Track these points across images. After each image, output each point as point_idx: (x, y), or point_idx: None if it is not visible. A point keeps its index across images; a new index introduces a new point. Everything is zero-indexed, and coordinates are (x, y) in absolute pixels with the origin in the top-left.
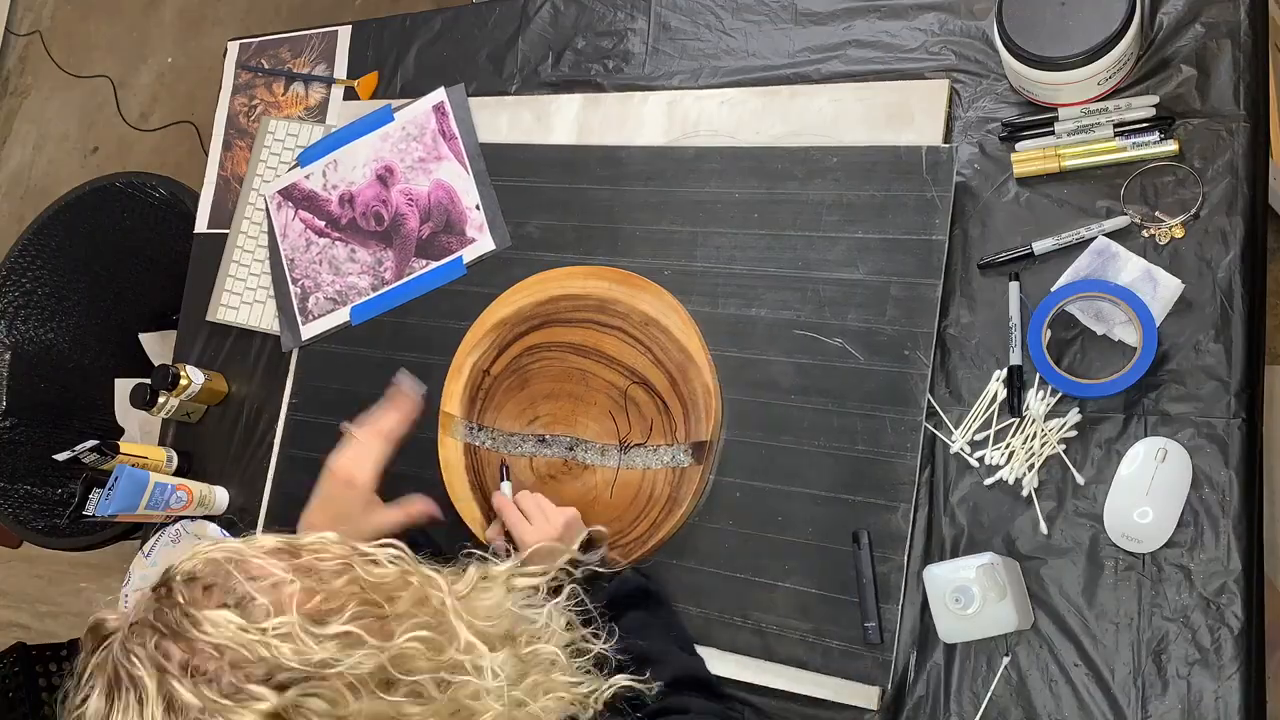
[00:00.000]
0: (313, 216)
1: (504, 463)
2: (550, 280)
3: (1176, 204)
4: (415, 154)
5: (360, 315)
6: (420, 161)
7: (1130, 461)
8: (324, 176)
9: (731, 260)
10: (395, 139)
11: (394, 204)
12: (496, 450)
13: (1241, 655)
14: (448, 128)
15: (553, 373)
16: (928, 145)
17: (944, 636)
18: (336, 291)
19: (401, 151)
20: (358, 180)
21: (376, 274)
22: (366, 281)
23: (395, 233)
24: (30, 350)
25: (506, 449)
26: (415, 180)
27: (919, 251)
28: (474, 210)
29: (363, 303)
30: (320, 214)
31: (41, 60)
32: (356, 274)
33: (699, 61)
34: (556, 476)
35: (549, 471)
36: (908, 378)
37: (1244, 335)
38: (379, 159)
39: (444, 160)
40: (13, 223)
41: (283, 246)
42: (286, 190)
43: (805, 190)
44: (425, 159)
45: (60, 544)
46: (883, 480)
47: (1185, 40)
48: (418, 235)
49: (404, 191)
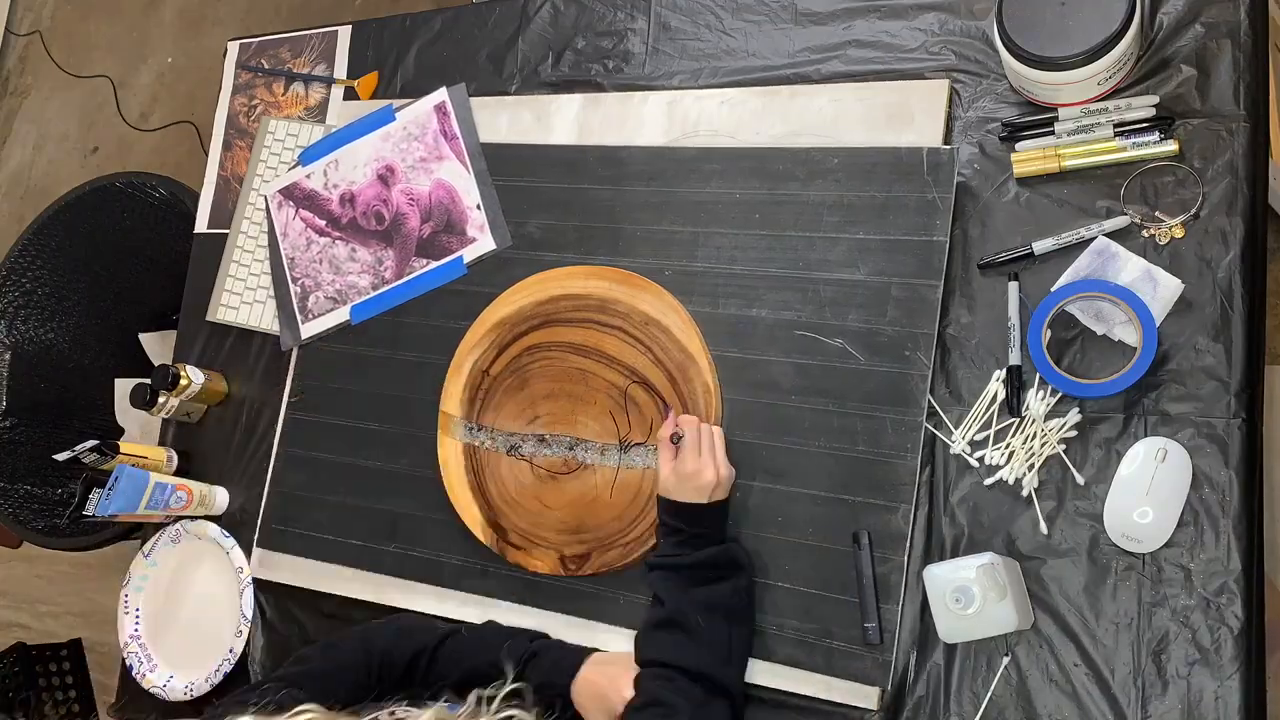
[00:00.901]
0: (313, 215)
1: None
2: (550, 280)
3: (1176, 204)
4: (416, 153)
5: (360, 314)
6: (421, 161)
7: (1130, 461)
8: (325, 176)
9: (732, 260)
10: (396, 138)
11: (395, 203)
12: (496, 450)
13: (1242, 655)
14: (449, 127)
15: (553, 372)
16: (929, 146)
17: (944, 636)
18: (337, 290)
19: (403, 151)
20: (359, 180)
21: (377, 273)
22: (367, 281)
23: (396, 232)
24: (30, 350)
25: (506, 449)
26: (416, 180)
27: (920, 252)
28: (475, 210)
29: (363, 302)
30: (321, 213)
31: (41, 60)
32: (357, 273)
33: (699, 61)
34: (556, 476)
35: (549, 471)
36: (908, 378)
37: (1244, 335)
38: (380, 158)
39: (445, 160)
40: (13, 223)
41: (283, 245)
42: (287, 189)
43: (806, 191)
44: (426, 158)
45: (60, 544)
46: (883, 481)
47: (1185, 40)
48: (418, 234)
49: (405, 191)
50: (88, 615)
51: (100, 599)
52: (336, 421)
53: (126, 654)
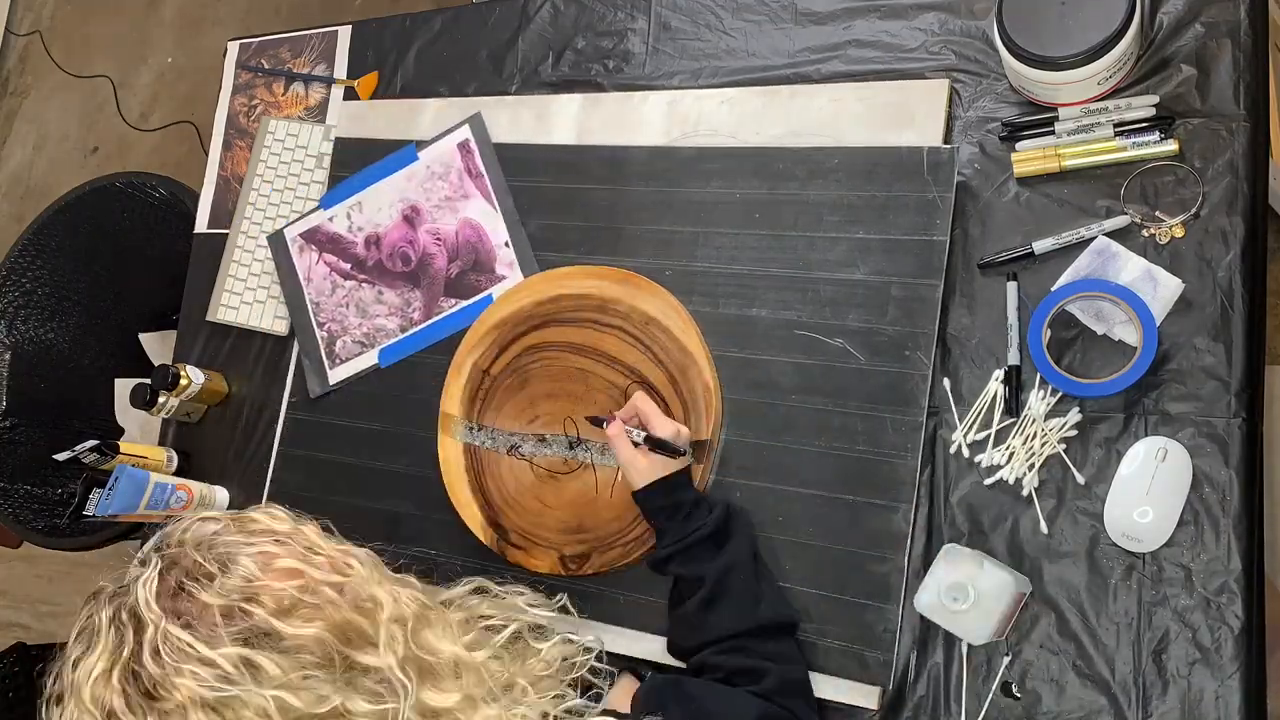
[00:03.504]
0: (338, 259)
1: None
2: (551, 280)
3: (1177, 203)
4: (441, 193)
5: (389, 357)
6: (447, 200)
7: (1130, 461)
8: (349, 219)
9: (733, 260)
10: (420, 178)
11: (421, 244)
12: (496, 450)
13: (1242, 655)
14: (473, 165)
15: (553, 372)
16: (929, 146)
17: (974, 639)
18: (364, 334)
19: (427, 191)
20: (383, 221)
21: (405, 315)
22: (395, 323)
23: (423, 273)
24: (30, 350)
25: (506, 449)
26: (442, 219)
27: (920, 252)
28: (503, 248)
29: (391, 344)
30: (345, 256)
31: (41, 60)
32: (385, 315)
33: (699, 61)
34: (556, 476)
35: (549, 471)
36: (908, 378)
37: (1244, 335)
38: (404, 199)
39: (471, 198)
40: (13, 223)
41: (306, 291)
42: (309, 234)
43: (806, 191)
44: (452, 197)
45: (60, 544)
46: (883, 481)
47: (1185, 40)
48: (446, 274)
49: (431, 231)
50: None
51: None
52: (337, 421)
53: None
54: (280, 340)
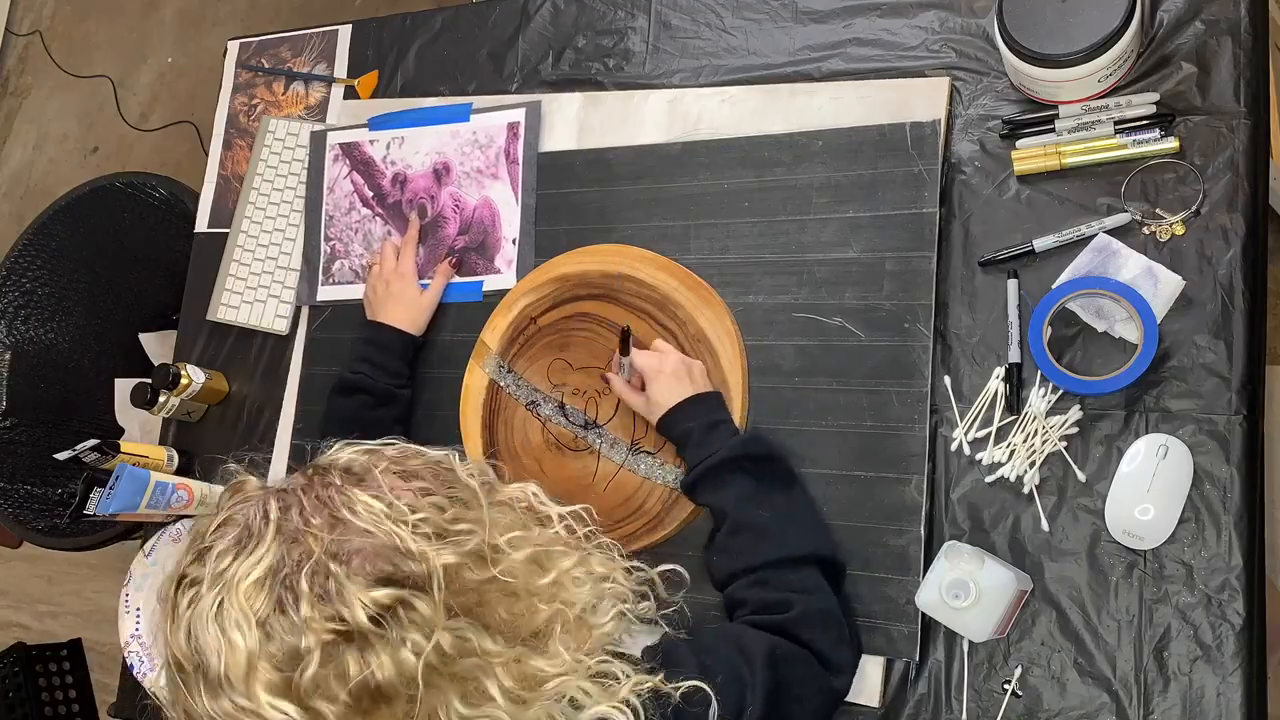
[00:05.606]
0: (364, 183)
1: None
2: (622, 256)
3: (1177, 201)
4: (476, 162)
5: None
6: (478, 171)
7: (1131, 458)
8: (387, 149)
9: (725, 250)
10: (463, 139)
11: (441, 203)
12: (517, 399)
13: (1243, 652)
14: (514, 150)
15: (594, 348)
16: (911, 121)
17: (975, 637)
18: (362, 266)
19: (464, 155)
20: (415, 166)
21: None
22: None
23: (432, 232)
24: (30, 350)
25: (526, 401)
26: (467, 188)
27: (910, 225)
28: (510, 243)
29: None
30: (371, 184)
31: (41, 60)
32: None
33: (700, 60)
34: (563, 449)
35: (558, 440)
36: (910, 350)
37: (1245, 332)
38: (441, 154)
39: (500, 181)
40: (13, 223)
41: (326, 200)
42: (348, 147)
43: (793, 175)
44: (484, 171)
45: (60, 544)
46: (894, 454)
47: (1185, 37)
48: (450, 243)
49: (453, 195)
50: (88, 615)
51: (100, 599)
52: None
53: (127, 654)
54: (280, 339)
